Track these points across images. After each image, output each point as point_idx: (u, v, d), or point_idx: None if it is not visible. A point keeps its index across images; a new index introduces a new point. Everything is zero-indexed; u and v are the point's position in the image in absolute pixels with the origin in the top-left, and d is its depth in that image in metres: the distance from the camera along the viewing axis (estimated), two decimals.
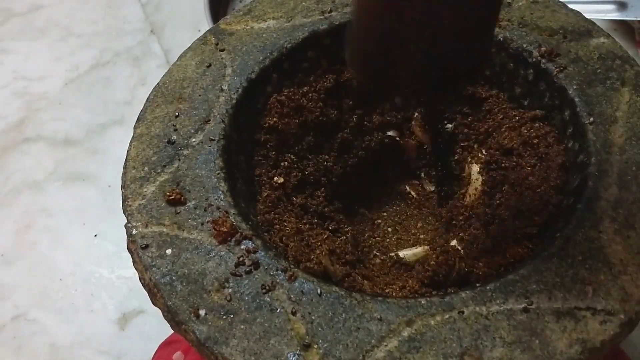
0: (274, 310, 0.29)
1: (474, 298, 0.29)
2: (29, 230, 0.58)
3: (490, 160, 0.40)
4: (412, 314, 0.28)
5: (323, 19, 0.41)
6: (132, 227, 0.33)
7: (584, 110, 0.35)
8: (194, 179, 0.34)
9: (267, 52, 0.40)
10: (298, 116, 0.40)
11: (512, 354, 0.27)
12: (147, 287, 0.31)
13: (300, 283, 0.30)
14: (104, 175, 0.62)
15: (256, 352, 0.27)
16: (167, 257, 0.31)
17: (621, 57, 0.38)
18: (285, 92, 0.40)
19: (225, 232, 0.32)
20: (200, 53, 0.40)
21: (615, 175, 0.33)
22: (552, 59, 0.38)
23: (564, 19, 0.40)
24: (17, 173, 0.62)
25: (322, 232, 0.37)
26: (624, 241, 0.30)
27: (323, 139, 0.42)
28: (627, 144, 0.34)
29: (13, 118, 0.67)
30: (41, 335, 0.52)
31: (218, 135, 0.36)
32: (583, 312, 0.28)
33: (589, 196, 0.32)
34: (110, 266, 0.56)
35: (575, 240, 0.30)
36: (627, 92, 0.36)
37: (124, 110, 0.67)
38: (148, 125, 0.37)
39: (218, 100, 0.37)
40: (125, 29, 0.74)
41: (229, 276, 0.30)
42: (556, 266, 0.29)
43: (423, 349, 0.27)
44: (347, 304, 0.29)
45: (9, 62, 0.72)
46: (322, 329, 0.28)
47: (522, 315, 0.28)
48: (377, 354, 0.27)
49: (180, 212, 0.33)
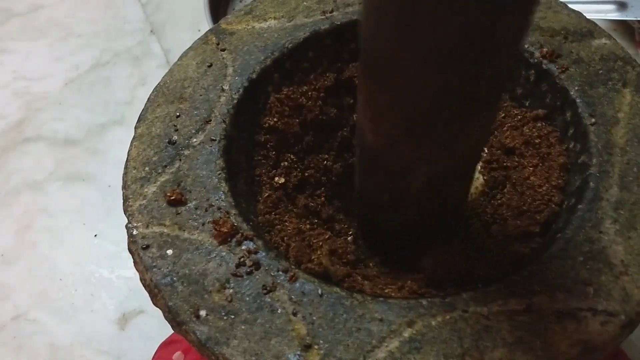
0: (274, 310, 0.29)
1: (475, 298, 0.29)
2: (29, 230, 0.58)
3: (491, 160, 0.40)
4: (413, 315, 0.28)
5: (324, 18, 0.41)
6: (133, 228, 0.32)
7: (585, 111, 0.35)
8: (194, 179, 0.34)
9: (269, 52, 0.40)
10: (298, 115, 0.40)
11: (513, 355, 0.27)
12: (148, 288, 0.31)
13: (301, 284, 0.30)
14: (104, 175, 0.62)
15: (257, 352, 0.27)
16: (168, 257, 0.31)
17: (623, 58, 0.38)
18: (284, 91, 0.40)
19: (226, 233, 0.31)
20: (201, 53, 0.40)
21: (617, 176, 0.33)
22: (553, 59, 0.38)
23: (565, 20, 0.40)
24: (17, 173, 0.62)
25: (323, 232, 0.37)
26: (625, 242, 0.30)
27: (323, 138, 0.42)
28: (629, 145, 0.34)
29: (13, 118, 0.67)
30: (41, 335, 0.52)
31: (219, 136, 0.36)
32: (584, 312, 0.28)
33: (590, 197, 0.32)
34: (110, 266, 0.56)
35: (576, 241, 0.30)
36: (629, 93, 0.36)
37: (124, 110, 0.67)
38: (149, 125, 0.37)
39: (219, 100, 0.37)
40: (125, 29, 0.74)
41: (230, 277, 0.30)
42: (557, 267, 0.29)
43: (424, 350, 0.27)
44: (348, 304, 0.29)
45: (9, 62, 0.72)
46: (322, 329, 0.28)
47: (523, 316, 0.28)
48: (378, 354, 0.27)
49: (181, 212, 0.33)
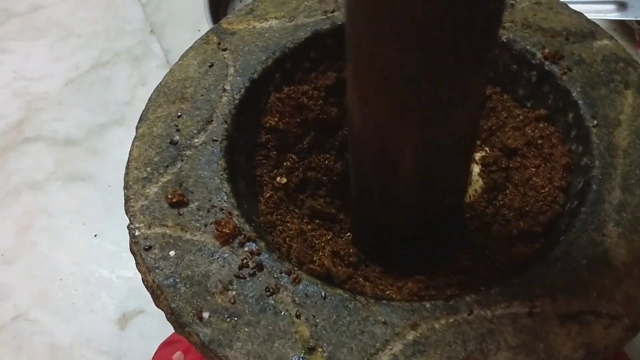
0: (278, 313, 0.29)
1: (478, 301, 0.28)
2: (29, 230, 0.58)
3: (492, 161, 0.40)
4: (416, 318, 0.28)
5: (325, 18, 0.41)
6: (135, 229, 0.32)
7: (587, 113, 0.35)
8: (196, 179, 0.34)
9: (270, 51, 0.39)
10: (298, 115, 0.40)
11: (517, 358, 0.27)
12: (151, 289, 0.31)
13: (305, 286, 0.29)
14: (104, 175, 0.62)
15: (260, 355, 0.27)
16: (171, 258, 0.31)
17: (624, 59, 0.38)
18: (285, 90, 0.40)
19: (228, 234, 0.31)
20: (202, 53, 0.40)
21: (619, 179, 0.32)
22: (555, 60, 0.38)
23: (567, 21, 0.40)
24: (17, 173, 0.62)
25: (325, 232, 0.37)
26: (628, 245, 0.30)
27: (324, 138, 0.42)
28: (631, 147, 0.34)
29: (13, 118, 0.67)
30: (41, 335, 0.52)
31: (221, 136, 0.36)
32: (587, 316, 0.28)
33: (593, 199, 0.32)
34: (110, 266, 0.56)
35: (579, 244, 0.30)
36: (631, 94, 0.36)
37: (124, 110, 0.67)
38: (150, 126, 0.37)
39: (220, 100, 0.37)
40: (125, 29, 0.74)
41: (233, 278, 0.30)
42: (560, 270, 0.29)
43: (428, 353, 0.27)
44: (351, 307, 0.29)
45: (9, 62, 0.72)
46: (326, 332, 0.28)
47: (526, 319, 0.28)
48: (381, 357, 0.27)
49: (183, 213, 0.33)
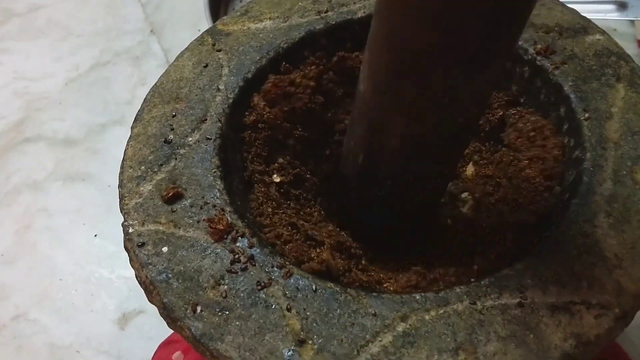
0: (269, 306, 0.29)
1: (468, 293, 0.29)
2: (29, 230, 0.58)
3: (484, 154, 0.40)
4: (406, 309, 0.28)
5: (319, 18, 0.41)
6: (128, 226, 0.33)
7: (579, 106, 0.35)
8: (190, 177, 0.34)
9: (264, 51, 0.40)
10: (286, 103, 0.40)
11: (507, 349, 0.27)
12: (144, 285, 0.31)
13: (296, 279, 0.30)
14: (104, 175, 0.62)
15: (251, 348, 0.28)
16: (163, 254, 0.31)
17: (616, 53, 0.38)
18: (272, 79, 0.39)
19: (221, 230, 0.32)
20: (197, 53, 0.40)
21: (611, 170, 0.33)
22: (547, 56, 0.38)
23: (559, 16, 0.40)
24: (17, 173, 0.62)
25: (325, 224, 0.37)
26: (619, 235, 0.30)
27: (315, 133, 0.42)
28: (622, 140, 0.34)
29: (13, 118, 0.67)
30: (41, 335, 0.52)
31: (214, 135, 0.36)
32: (578, 306, 0.28)
33: (584, 191, 0.32)
34: (110, 266, 0.56)
35: (570, 235, 0.30)
36: (622, 88, 0.36)
37: (124, 110, 0.67)
38: (145, 125, 0.37)
39: (214, 99, 0.38)
40: (125, 29, 0.74)
41: (225, 273, 0.30)
42: (551, 261, 0.30)
43: (417, 344, 0.27)
44: (341, 299, 0.29)
45: (9, 62, 0.72)
46: (317, 324, 0.28)
47: (516, 310, 0.28)
48: (371, 349, 0.27)
49: (177, 210, 0.33)
